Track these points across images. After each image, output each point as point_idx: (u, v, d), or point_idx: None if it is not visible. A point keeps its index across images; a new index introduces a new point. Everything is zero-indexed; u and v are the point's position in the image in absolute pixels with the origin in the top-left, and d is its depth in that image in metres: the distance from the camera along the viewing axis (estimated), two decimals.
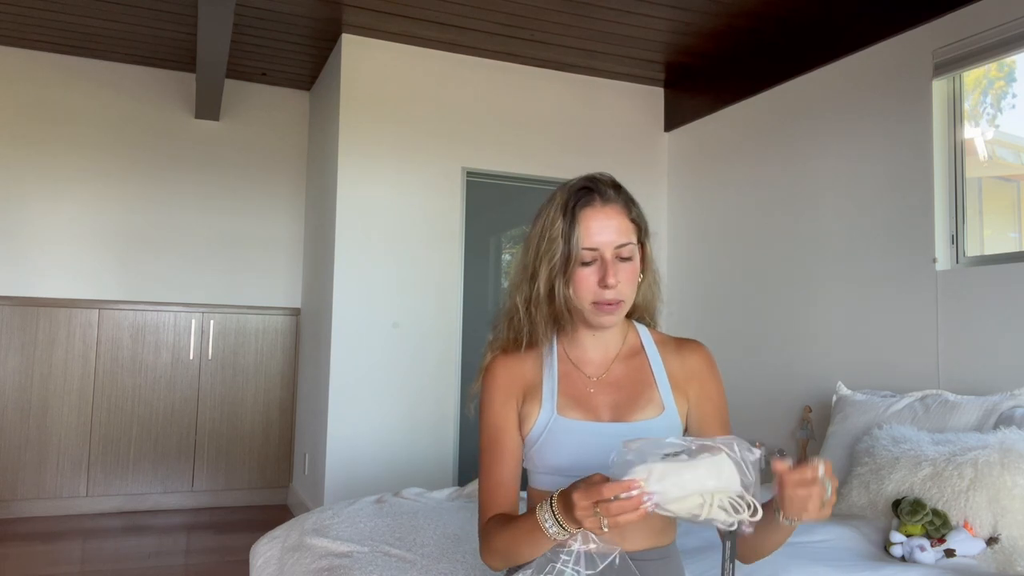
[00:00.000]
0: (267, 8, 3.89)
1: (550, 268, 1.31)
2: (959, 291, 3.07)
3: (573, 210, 1.31)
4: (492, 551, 1.30)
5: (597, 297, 1.31)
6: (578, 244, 1.29)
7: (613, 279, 1.29)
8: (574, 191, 1.34)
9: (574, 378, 1.39)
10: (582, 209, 1.31)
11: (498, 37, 4.17)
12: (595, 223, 1.30)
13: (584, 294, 1.31)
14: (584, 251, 1.30)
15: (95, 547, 3.98)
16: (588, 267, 1.30)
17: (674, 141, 4.87)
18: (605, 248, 1.30)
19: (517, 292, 1.39)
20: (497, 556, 1.30)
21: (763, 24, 3.91)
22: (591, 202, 1.32)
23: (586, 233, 1.30)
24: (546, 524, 1.15)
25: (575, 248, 1.29)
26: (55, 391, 4.56)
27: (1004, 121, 3.21)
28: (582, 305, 1.32)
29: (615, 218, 1.32)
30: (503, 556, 1.29)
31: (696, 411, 1.41)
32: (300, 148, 5.21)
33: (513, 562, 1.29)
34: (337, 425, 4.04)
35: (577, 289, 1.31)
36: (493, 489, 1.35)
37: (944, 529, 2.23)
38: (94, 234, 4.71)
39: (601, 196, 1.33)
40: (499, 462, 1.36)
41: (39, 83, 4.64)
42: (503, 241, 4.69)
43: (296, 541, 2.25)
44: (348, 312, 4.10)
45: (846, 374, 3.44)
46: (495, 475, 1.36)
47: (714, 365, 1.45)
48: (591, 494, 1.06)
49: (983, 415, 2.63)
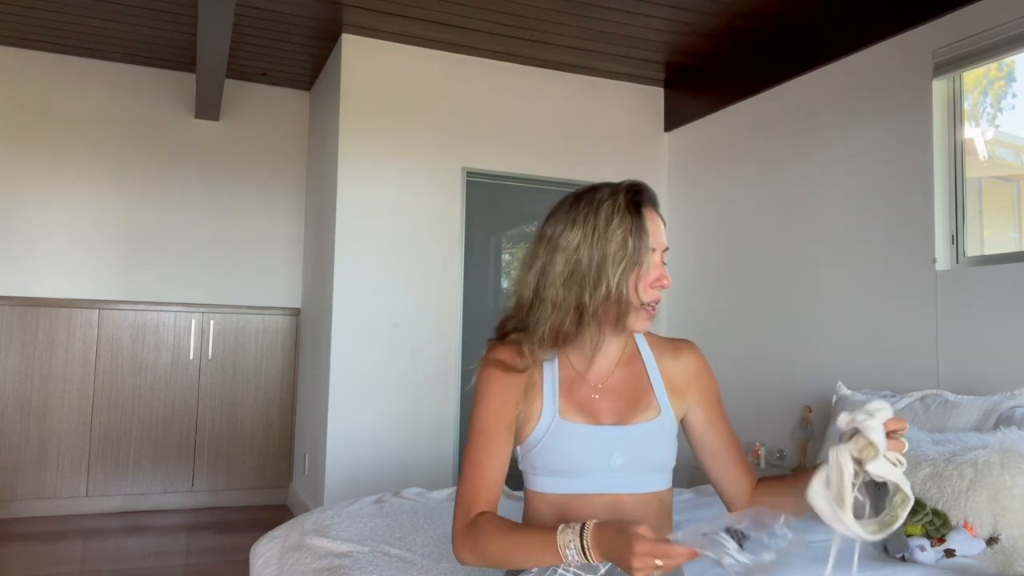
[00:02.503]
0: (267, 8, 3.89)
1: (621, 268, 1.30)
2: (959, 291, 3.07)
3: (639, 210, 1.32)
4: (478, 552, 1.28)
5: (654, 298, 1.34)
6: (648, 244, 1.32)
7: (668, 280, 1.33)
8: (629, 193, 1.34)
9: (577, 383, 1.40)
10: (644, 209, 1.33)
11: (498, 37, 4.17)
12: (654, 224, 1.34)
13: (646, 294, 1.33)
14: (652, 250, 1.33)
15: (95, 547, 3.98)
16: (650, 267, 1.33)
17: (674, 141, 4.87)
18: (660, 249, 1.35)
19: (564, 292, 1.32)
20: (481, 558, 1.28)
21: (763, 24, 3.91)
22: (646, 204, 1.34)
23: (652, 232, 1.33)
24: (568, 549, 1.15)
25: (647, 248, 1.32)
26: (55, 391, 4.56)
27: (1004, 121, 3.21)
28: (639, 305, 1.33)
29: (662, 224, 1.37)
30: (490, 560, 1.28)
31: (700, 409, 1.45)
32: (300, 148, 5.21)
33: (498, 567, 1.29)
34: (337, 425, 4.04)
35: (642, 289, 1.32)
36: (480, 484, 1.33)
37: (944, 529, 2.23)
38: (94, 234, 4.71)
39: (653, 201, 1.36)
40: (491, 457, 1.34)
41: (39, 83, 4.64)
42: (503, 241, 4.69)
43: (296, 541, 2.25)
44: (348, 312, 4.10)
45: (846, 374, 3.44)
46: (485, 470, 1.34)
47: (708, 362, 1.49)
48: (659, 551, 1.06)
49: (983, 415, 2.63)
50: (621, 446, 1.34)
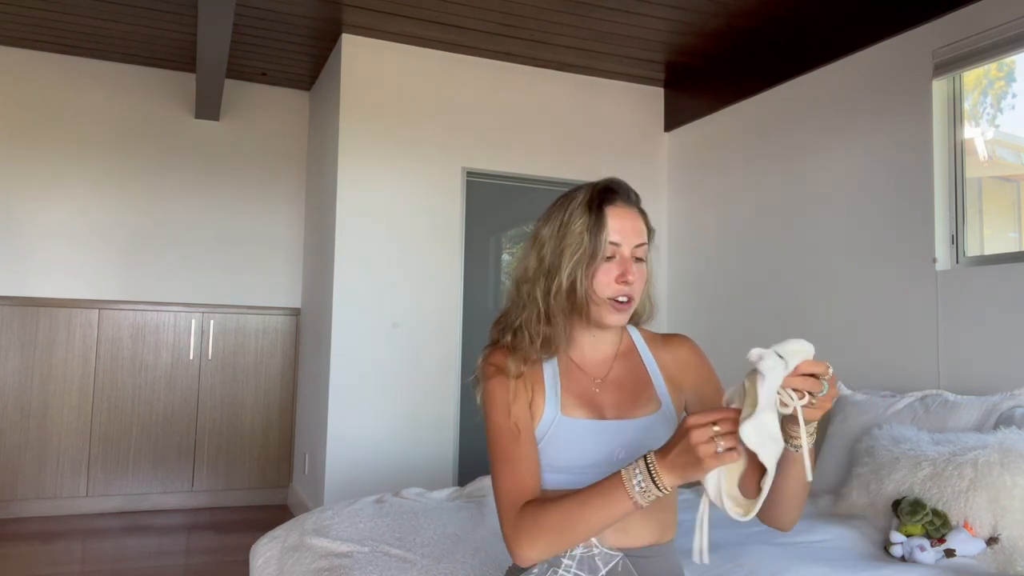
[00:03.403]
0: (267, 8, 3.89)
1: (574, 261, 1.34)
2: (959, 291, 3.07)
3: (599, 207, 1.36)
4: (538, 535, 1.22)
5: (614, 293, 1.35)
6: (605, 238, 1.34)
7: (632, 275, 1.34)
8: (598, 191, 1.39)
9: (578, 378, 1.41)
10: (607, 206, 1.36)
11: (498, 37, 4.17)
12: (619, 221, 1.36)
13: (604, 288, 1.35)
14: (609, 245, 1.34)
15: (95, 547, 3.98)
16: (610, 262, 1.35)
17: (674, 141, 4.87)
18: (626, 245, 1.36)
19: (533, 286, 1.39)
20: (543, 542, 1.22)
21: (763, 24, 3.91)
22: (614, 201, 1.37)
23: (611, 228, 1.35)
24: (634, 481, 1.14)
25: (602, 242, 1.34)
26: (55, 391, 4.56)
27: (1004, 121, 3.21)
28: (600, 300, 1.35)
29: (636, 220, 1.38)
30: (552, 538, 1.22)
31: (696, 395, 1.45)
32: (300, 148, 5.21)
33: (562, 545, 1.23)
34: (337, 425, 4.04)
35: (599, 283, 1.34)
36: (519, 475, 1.30)
37: (944, 529, 2.23)
38: (94, 234, 4.71)
39: (623, 197, 1.38)
40: (525, 455, 1.32)
41: (39, 83, 4.64)
42: (503, 241, 4.69)
43: (296, 541, 2.25)
44: (348, 312, 4.10)
45: (846, 374, 3.44)
46: (519, 461, 1.31)
47: (702, 352, 1.50)
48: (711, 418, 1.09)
49: (983, 415, 2.63)
50: (624, 440, 1.35)
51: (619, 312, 1.36)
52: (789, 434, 1.13)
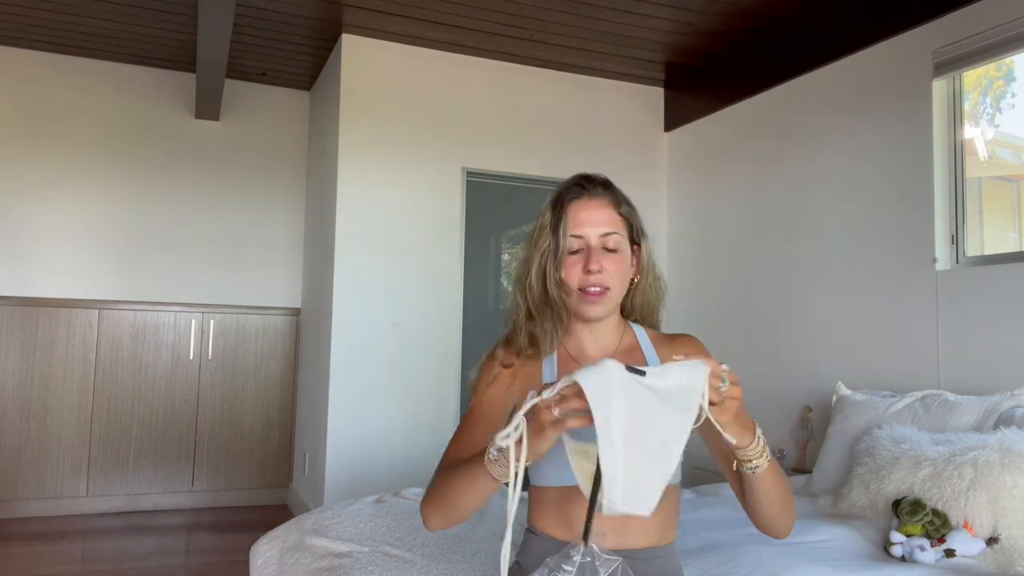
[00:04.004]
0: (267, 8, 3.89)
1: (542, 257, 1.38)
2: (959, 291, 3.07)
3: (562, 203, 1.39)
4: (432, 494, 1.30)
5: (582, 283, 1.36)
6: (565, 232, 1.37)
7: (596, 264, 1.35)
8: (565, 187, 1.43)
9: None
10: (571, 202, 1.39)
11: (498, 37, 4.17)
12: (582, 213, 1.38)
13: (571, 281, 1.37)
14: (571, 239, 1.37)
15: (95, 547, 3.98)
16: (576, 255, 1.37)
17: (674, 141, 4.87)
18: (590, 236, 1.37)
19: (517, 285, 1.45)
20: (434, 499, 1.30)
21: (763, 24, 3.91)
22: (579, 196, 1.40)
23: (572, 222, 1.37)
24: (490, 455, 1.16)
25: (562, 237, 1.37)
26: (55, 391, 4.56)
27: (1004, 121, 3.21)
28: (570, 292, 1.38)
29: (601, 209, 1.39)
30: (441, 504, 1.28)
31: None
32: (300, 148, 5.21)
33: (448, 508, 1.28)
34: (337, 425, 4.04)
35: (569, 276, 1.37)
36: (456, 455, 1.34)
37: (944, 529, 2.23)
38: (94, 234, 4.71)
39: (588, 190, 1.41)
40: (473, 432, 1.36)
41: (39, 83, 4.64)
42: (503, 241, 4.69)
43: (296, 541, 2.25)
44: (348, 312, 4.10)
45: (846, 374, 3.44)
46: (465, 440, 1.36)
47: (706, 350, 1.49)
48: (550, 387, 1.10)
49: (983, 415, 2.63)
50: None
51: (592, 303, 1.37)
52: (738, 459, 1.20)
